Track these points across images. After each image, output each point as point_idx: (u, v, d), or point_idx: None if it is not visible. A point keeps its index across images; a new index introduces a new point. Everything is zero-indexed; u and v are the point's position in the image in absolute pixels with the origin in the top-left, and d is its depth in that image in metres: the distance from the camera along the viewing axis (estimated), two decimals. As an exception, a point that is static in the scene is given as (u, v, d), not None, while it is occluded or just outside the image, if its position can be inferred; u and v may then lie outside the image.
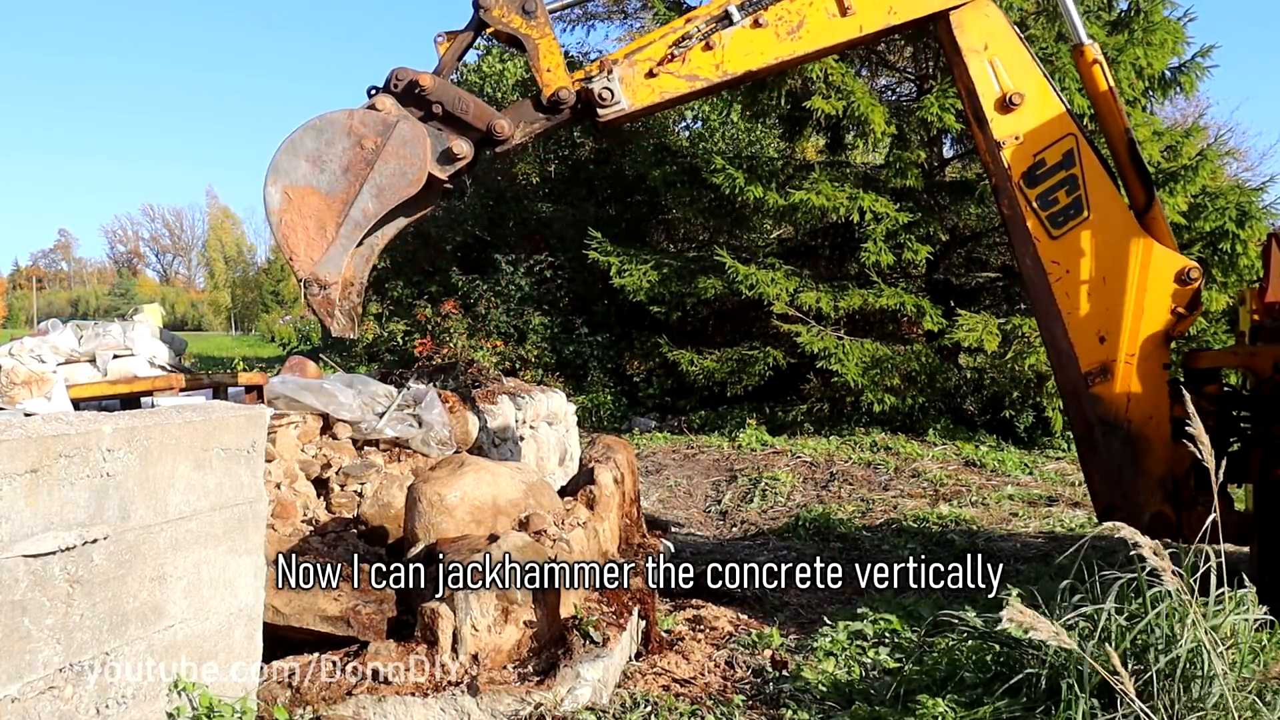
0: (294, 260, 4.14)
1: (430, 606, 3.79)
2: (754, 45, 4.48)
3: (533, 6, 4.33)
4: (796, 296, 13.08)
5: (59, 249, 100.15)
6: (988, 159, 4.89)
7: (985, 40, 4.65)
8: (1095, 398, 4.72)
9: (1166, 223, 4.86)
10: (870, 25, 4.56)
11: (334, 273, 4.13)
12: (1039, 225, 4.69)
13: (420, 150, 4.13)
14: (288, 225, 4.09)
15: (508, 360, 15.05)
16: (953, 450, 11.77)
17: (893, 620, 4.73)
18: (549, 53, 4.37)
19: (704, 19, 4.45)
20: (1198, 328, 12.61)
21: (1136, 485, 4.73)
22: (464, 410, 6.44)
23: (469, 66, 21.36)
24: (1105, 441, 4.77)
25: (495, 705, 3.60)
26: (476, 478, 4.50)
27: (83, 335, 5.88)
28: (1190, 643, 3.03)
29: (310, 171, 4.06)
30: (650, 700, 3.94)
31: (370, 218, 4.11)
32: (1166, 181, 12.52)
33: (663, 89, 4.46)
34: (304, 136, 4.05)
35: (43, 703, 2.79)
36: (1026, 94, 4.64)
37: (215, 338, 58.63)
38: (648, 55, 4.44)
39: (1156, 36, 12.25)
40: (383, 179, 4.08)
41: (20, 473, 2.73)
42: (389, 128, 4.09)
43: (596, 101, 4.36)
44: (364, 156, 4.07)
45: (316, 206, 4.09)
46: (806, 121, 13.74)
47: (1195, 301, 4.66)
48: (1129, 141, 4.82)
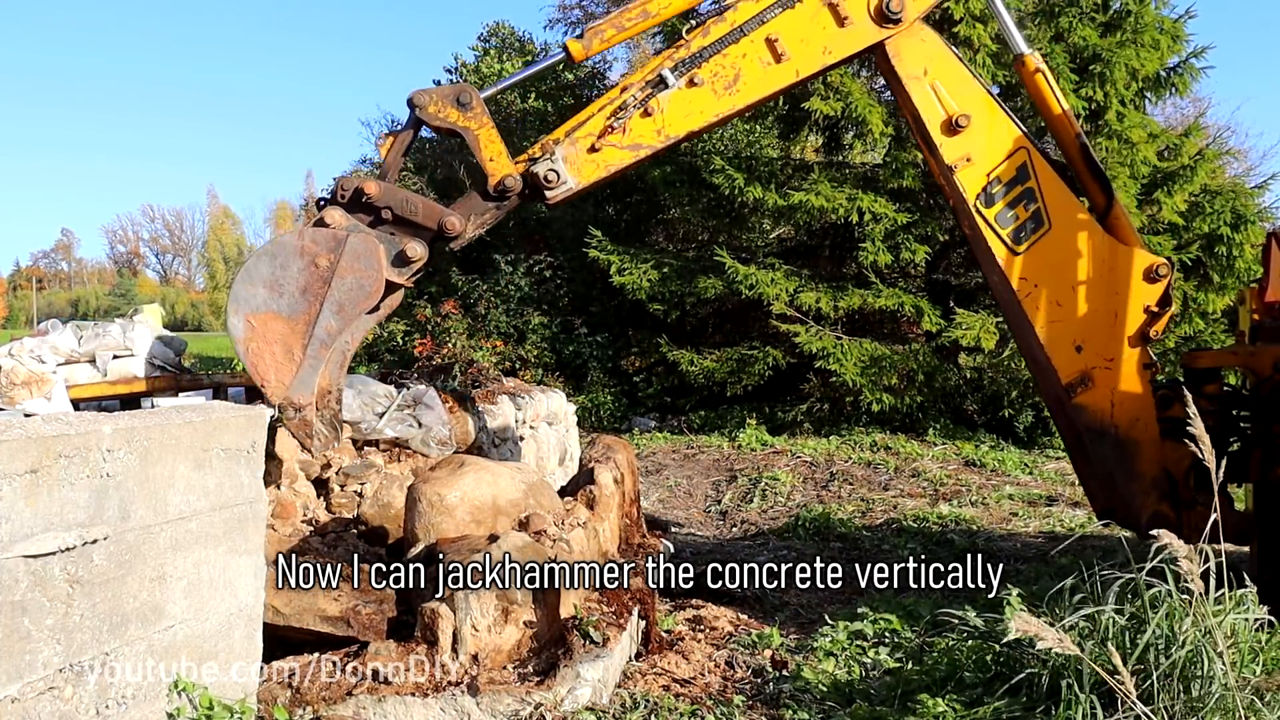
0: (265, 387, 4.13)
1: (430, 606, 3.79)
2: (693, 105, 4.42)
3: (467, 99, 4.31)
4: (796, 296, 13.10)
5: (59, 249, 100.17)
6: (943, 183, 4.85)
7: (924, 65, 4.60)
8: (1079, 407, 4.71)
9: (1129, 222, 4.85)
10: (807, 68, 4.51)
11: (306, 394, 4.13)
12: (1000, 244, 4.66)
13: (374, 261, 4.12)
14: (255, 353, 4.09)
15: (507, 360, 15.04)
16: (952, 450, 11.77)
17: (893, 620, 4.73)
18: (489, 142, 4.33)
19: (639, 86, 4.39)
20: (1197, 327, 12.63)
21: (1130, 488, 4.73)
22: (464, 410, 6.44)
23: (468, 67, 21.36)
24: (1095, 448, 4.76)
25: (495, 705, 3.60)
26: (476, 478, 4.50)
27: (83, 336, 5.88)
28: (1190, 643, 3.03)
29: (269, 297, 4.06)
30: (650, 700, 3.94)
31: (334, 334, 4.12)
32: (1164, 182, 12.54)
33: (607, 162, 4.41)
34: (259, 263, 4.05)
35: (43, 703, 2.79)
36: (972, 114, 4.60)
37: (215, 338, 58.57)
38: (588, 130, 4.38)
39: (1149, 37, 12.26)
40: (341, 295, 4.08)
41: (20, 473, 2.73)
42: (340, 243, 4.08)
43: (543, 184, 4.33)
44: (320, 275, 4.07)
45: (280, 331, 4.08)
46: (805, 122, 13.76)
47: (1167, 298, 4.63)
48: (1081, 146, 4.81)
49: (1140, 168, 12.24)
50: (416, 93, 4.34)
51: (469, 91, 4.34)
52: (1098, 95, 11.98)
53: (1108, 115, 12.11)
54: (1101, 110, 12.13)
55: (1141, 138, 12.27)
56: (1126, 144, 12.12)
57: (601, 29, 4.41)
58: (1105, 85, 11.96)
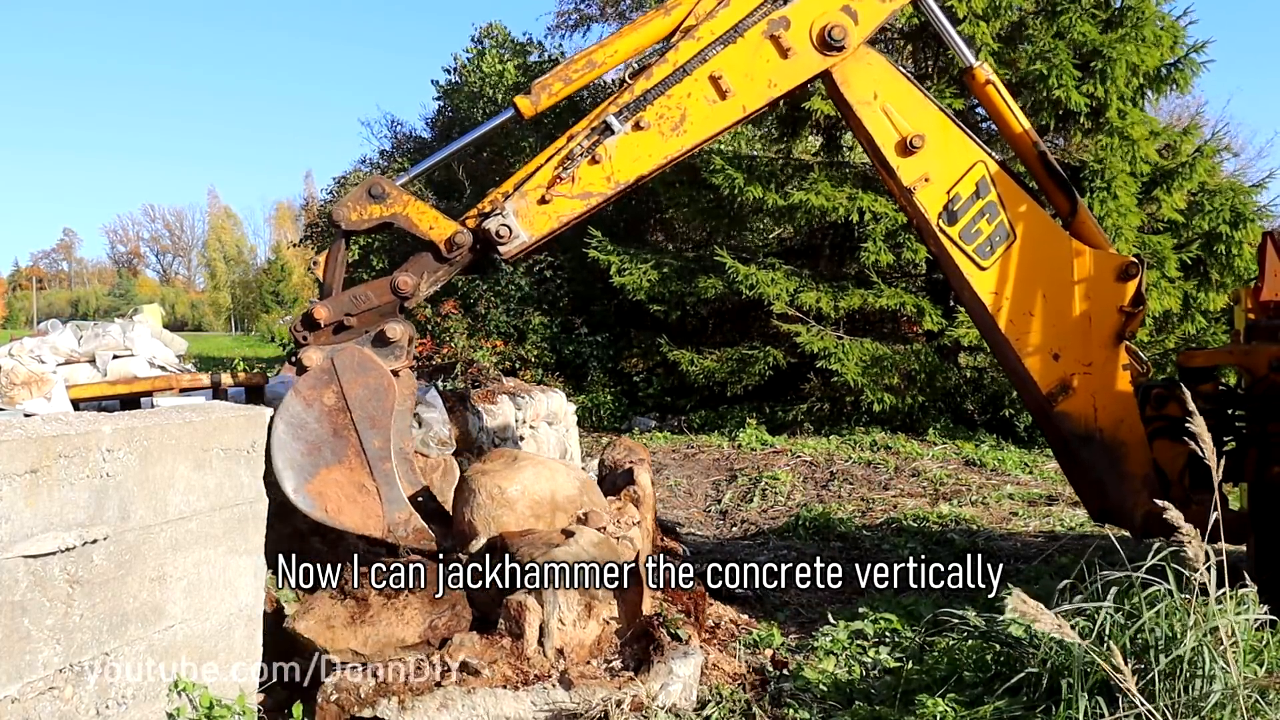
0: (368, 530, 4.17)
1: (517, 600, 3.75)
2: (640, 149, 4.36)
3: (379, 190, 4.30)
4: (796, 296, 13.09)
5: (60, 249, 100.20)
6: (904, 204, 4.80)
7: (873, 90, 4.56)
8: (1063, 415, 4.70)
9: (1095, 223, 4.83)
10: (753, 103, 4.46)
11: (403, 509, 4.17)
12: (968, 260, 4.63)
13: (369, 364, 4.16)
14: (337, 512, 4.11)
15: (508, 360, 15.05)
16: (952, 449, 11.77)
17: (893, 620, 4.73)
18: (420, 215, 4.33)
19: (584, 133, 4.34)
20: (1198, 326, 12.63)
21: (1122, 490, 4.72)
22: (464, 410, 6.44)
23: (468, 68, 21.34)
24: (1082, 454, 4.75)
25: (588, 699, 3.57)
26: (535, 472, 4.48)
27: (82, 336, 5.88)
28: (1190, 642, 3.04)
29: (312, 460, 4.09)
30: (721, 694, 3.96)
31: (385, 447, 4.15)
32: (1164, 180, 12.53)
33: (559, 213, 4.37)
34: (283, 442, 4.05)
35: (43, 703, 2.80)
36: (926, 133, 4.56)
37: (215, 338, 58.61)
38: (536, 183, 4.34)
39: (1149, 33, 12.25)
40: (365, 410, 4.12)
41: (20, 473, 2.73)
42: (330, 372, 4.12)
43: (495, 239, 4.30)
44: (336, 409, 4.11)
45: (342, 478, 4.12)
46: (805, 123, 13.76)
47: (1139, 296, 4.60)
48: (1040, 154, 4.79)
49: (1141, 165, 12.24)
50: (334, 207, 4.36)
51: (379, 183, 4.34)
52: (1099, 92, 11.97)
53: (1109, 113, 12.11)
54: (1103, 107, 12.13)
55: (1143, 134, 12.26)
56: (1128, 141, 12.11)
57: (548, 84, 4.38)
58: (1106, 82, 11.96)
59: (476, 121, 18.93)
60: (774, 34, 4.39)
